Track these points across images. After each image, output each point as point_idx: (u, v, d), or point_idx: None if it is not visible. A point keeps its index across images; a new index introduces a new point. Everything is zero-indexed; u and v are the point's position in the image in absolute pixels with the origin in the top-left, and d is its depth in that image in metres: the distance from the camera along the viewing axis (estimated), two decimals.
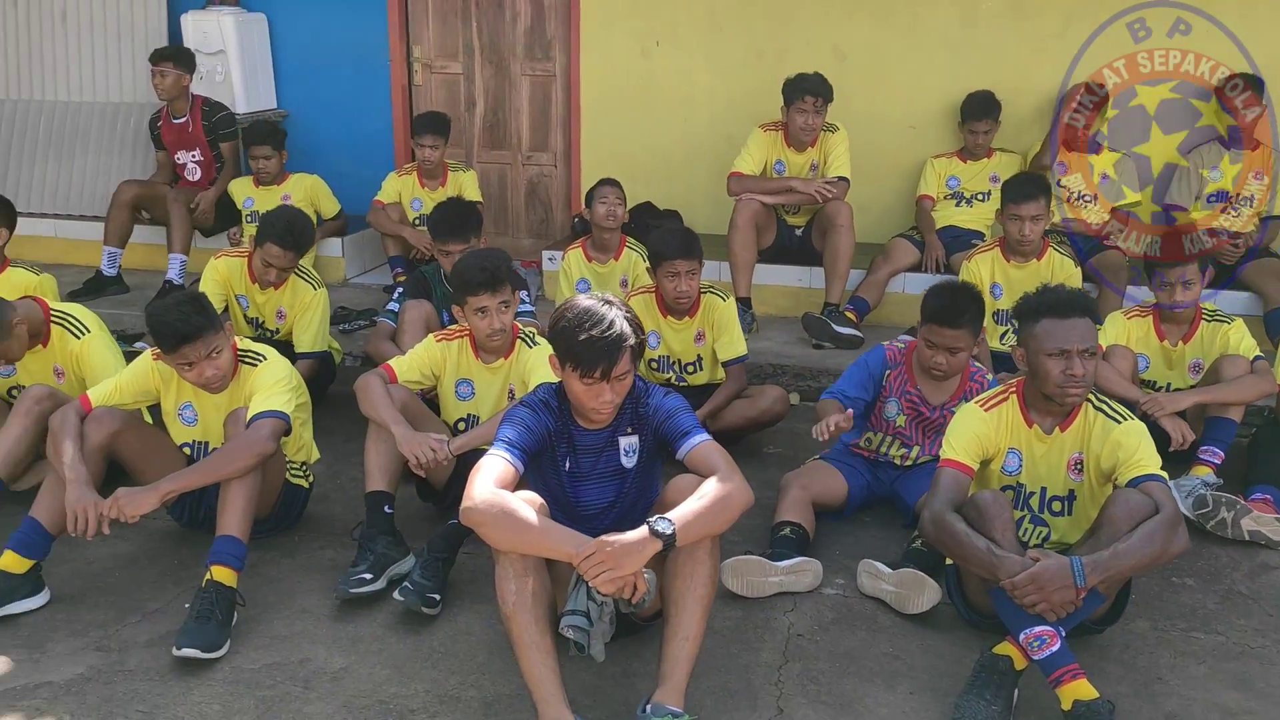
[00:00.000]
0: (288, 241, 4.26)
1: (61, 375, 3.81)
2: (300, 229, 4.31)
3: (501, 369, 3.60)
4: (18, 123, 6.62)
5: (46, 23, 6.56)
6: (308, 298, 4.42)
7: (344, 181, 6.18)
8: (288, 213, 4.40)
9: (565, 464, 2.83)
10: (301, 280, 4.44)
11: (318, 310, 4.43)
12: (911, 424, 3.65)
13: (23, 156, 6.60)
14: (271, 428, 3.18)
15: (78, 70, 6.60)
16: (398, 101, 6.45)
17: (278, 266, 4.29)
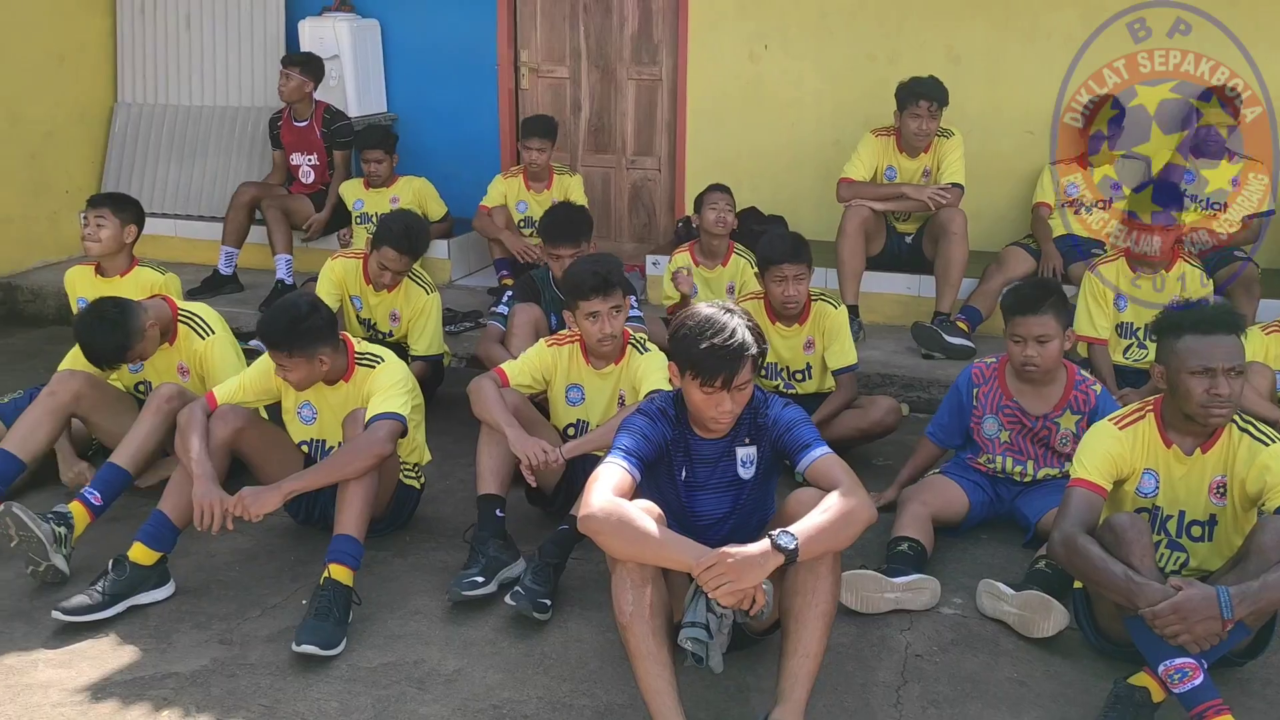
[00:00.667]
0: (404, 246, 4.31)
1: (186, 373, 3.92)
2: (417, 234, 4.37)
3: (612, 375, 3.59)
4: (143, 126, 6.85)
5: (172, 29, 6.77)
6: (421, 302, 4.47)
7: (451, 184, 6.25)
8: (405, 217, 4.46)
9: (681, 473, 2.81)
10: (415, 284, 4.50)
11: (432, 314, 4.48)
12: (1017, 437, 3.55)
13: (147, 158, 6.83)
14: (389, 429, 3.22)
15: (200, 75, 6.80)
16: (504, 105, 6.51)
17: (393, 270, 4.35)
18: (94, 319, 3.57)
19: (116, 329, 3.57)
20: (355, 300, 4.60)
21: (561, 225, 4.24)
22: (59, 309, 6.17)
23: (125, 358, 3.64)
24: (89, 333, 3.56)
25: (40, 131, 6.44)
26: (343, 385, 3.44)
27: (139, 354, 3.69)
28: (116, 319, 3.58)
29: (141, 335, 3.64)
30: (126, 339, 3.59)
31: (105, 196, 4.36)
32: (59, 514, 3.36)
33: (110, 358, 3.61)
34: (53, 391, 3.69)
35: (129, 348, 3.61)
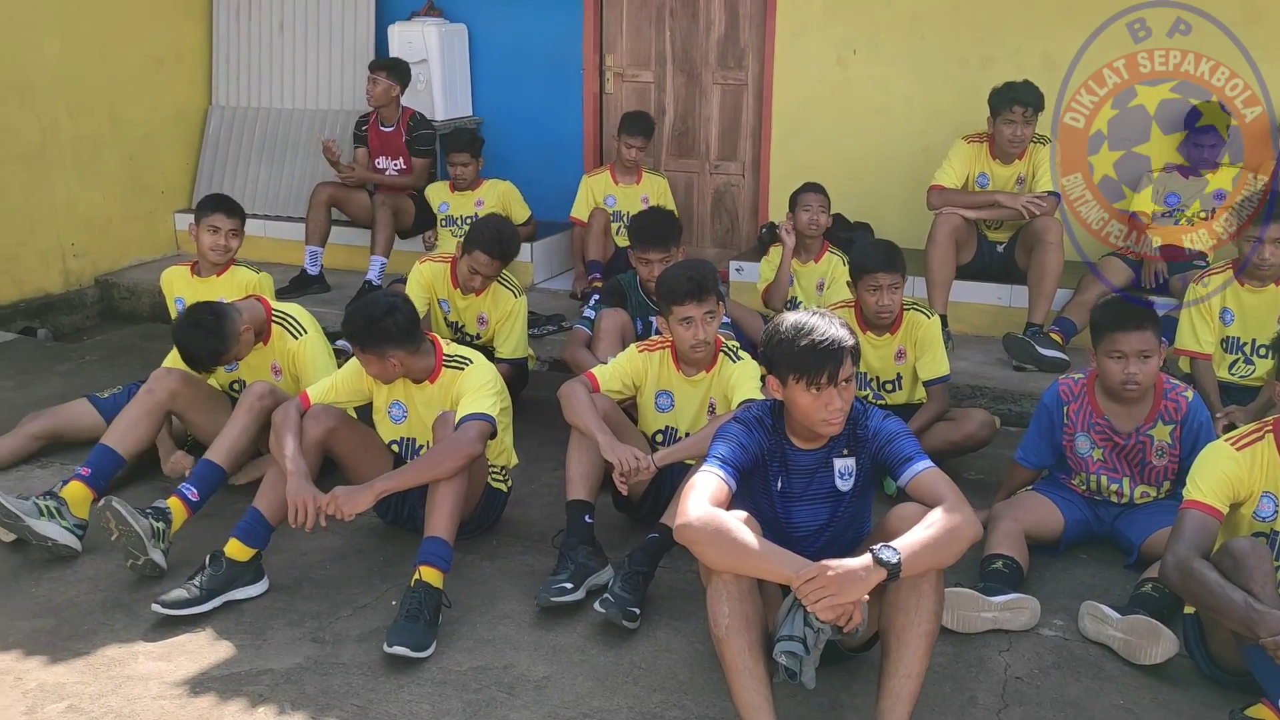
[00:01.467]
0: (496, 250, 4.32)
1: (279, 372, 3.97)
2: (508, 239, 4.38)
3: (703, 382, 3.56)
4: (235, 128, 7.00)
5: (265, 34, 6.91)
6: (509, 305, 4.48)
7: (534, 187, 6.27)
8: (497, 222, 4.47)
9: (777, 484, 2.76)
10: (503, 287, 4.51)
11: (519, 318, 4.49)
12: (1110, 455, 3.44)
13: (239, 160, 6.97)
14: (479, 430, 3.23)
15: (290, 79, 6.92)
16: (589, 109, 6.51)
17: (484, 274, 4.36)
18: (191, 325, 3.64)
19: (212, 335, 3.63)
20: (443, 303, 4.63)
21: (652, 229, 4.22)
22: (153, 306, 6.32)
23: (220, 362, 3.71)
24: (186, 338, 3.63)
25: (138, 134, 6.61)
26: (429, 386, 3.46)
27: (233, 357, 3.75)
28: (212, 326, 3.64)
29: (236, 340, 3.70)
30: (221, 344, 3.65)
31: (231, 203, 4.43)
32: (157, 509, 3.42)
33: (206, 362, 3.68)
34: (150, 389, 3.76)
35: (223, 353, 3.67)
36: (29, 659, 2.95)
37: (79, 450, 4.17)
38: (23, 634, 3.07)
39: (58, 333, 6.15)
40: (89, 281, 6.43)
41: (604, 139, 6.56)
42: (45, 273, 6.20)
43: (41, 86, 6.01)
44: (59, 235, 6.24)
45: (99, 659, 2.95)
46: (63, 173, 6.19)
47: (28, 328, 6.03)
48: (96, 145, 6.35)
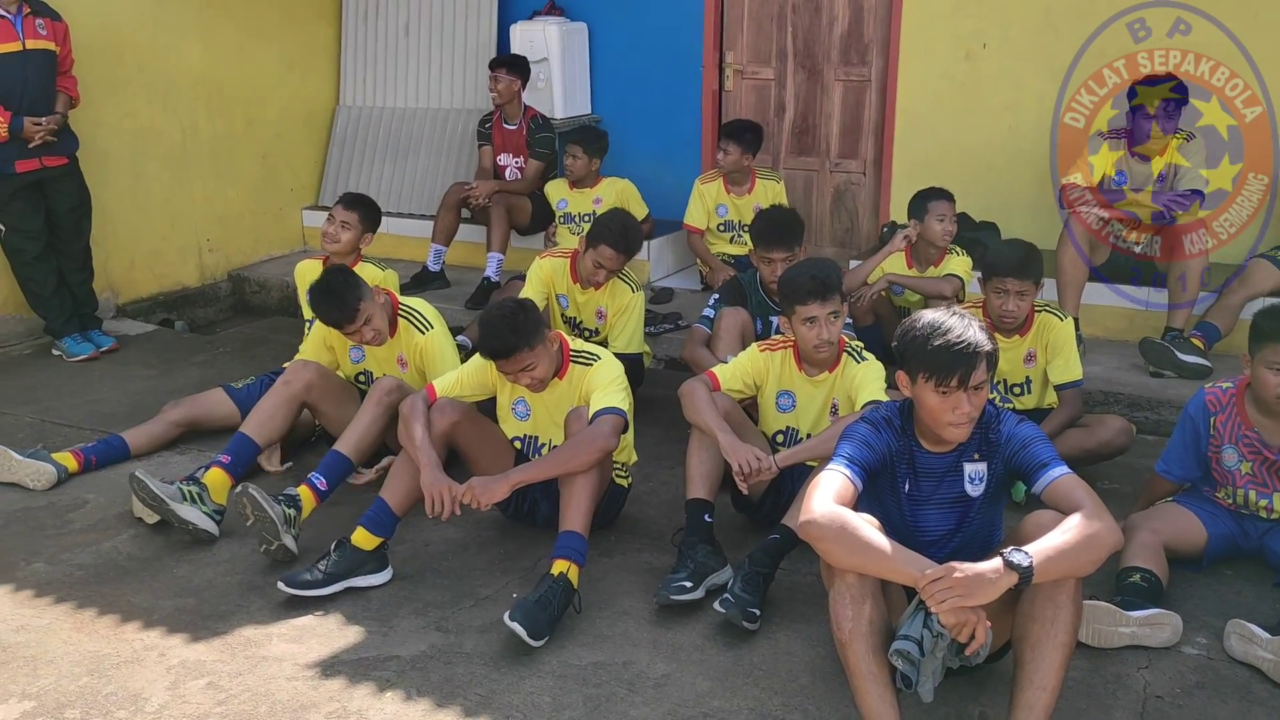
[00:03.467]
0: (621, 245, 4.37)
1: (405, 365, 4.08)
2: (633, 233, 4.42)
3: (825, 383, 3.53)
4: (361, 127, 7.22)
5: (392, 35, 7.11)
6: (626, 299, 4.53)
7: (652, 185, 6.30)
8: (622, 217, 4.51)
9: (905, 486, 2.73)
10: (621, 281, 4.55)
11: (635, 312, 4.53)
12: (1260, 469, 3.28)
13: (364, 158, 7.19)
14: (612, 424, 3.27)
15: (415, 79, 7.11)
16: (708, 107, 6.52)
17: (608, 268, 4.41)
18: (324, 282, 3.82)
19: (351, 286, 3.78)
20: (562, 299, 4.69)
21: (775, 228, 4.20)
22: (281, 300, 6.57)
23: (355, 315, 3.78)
24: (322, 285, 3.78)
25: (271, 133, 6.88)
26: (557, 383, 3.51)
27: (367, 314, 3.81)
28: (345, 282, 3.79)
29: (371, 298, 3.82)
30: (359, 292, 3.77)
31: (358, 200, 4.60)
32: (289, 496, 3.55)
33: (345, 309, 3.76)
34: (287, 381, 3.91)
35: (360, 298, 3.75)
36: (171, 636, 3.10)
37: (214, 437, 4.37)
38: (166, 612, 3.23)
39: (193, 325, 6.44)
40: (222, 276, 6.72)
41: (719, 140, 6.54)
42: (183, 267, 6.50)
43: (183, 88, 6.30)
44: (196, 231, 6.53)
45: (236, 639, 3.08)
46: (201, 171, 6.48)
47: (166, 319, 6.33)
48: (232, 145, 6.63)
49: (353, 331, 3.84)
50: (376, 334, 3.88)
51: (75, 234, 5.45)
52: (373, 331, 3.85)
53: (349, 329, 3.82)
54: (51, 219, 5.36)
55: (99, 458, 4.18)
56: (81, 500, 3.95)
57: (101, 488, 4.03)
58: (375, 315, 3.85)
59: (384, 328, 3.91)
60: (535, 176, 6.20)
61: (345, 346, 4.13)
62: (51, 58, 5.20)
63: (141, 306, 6.27)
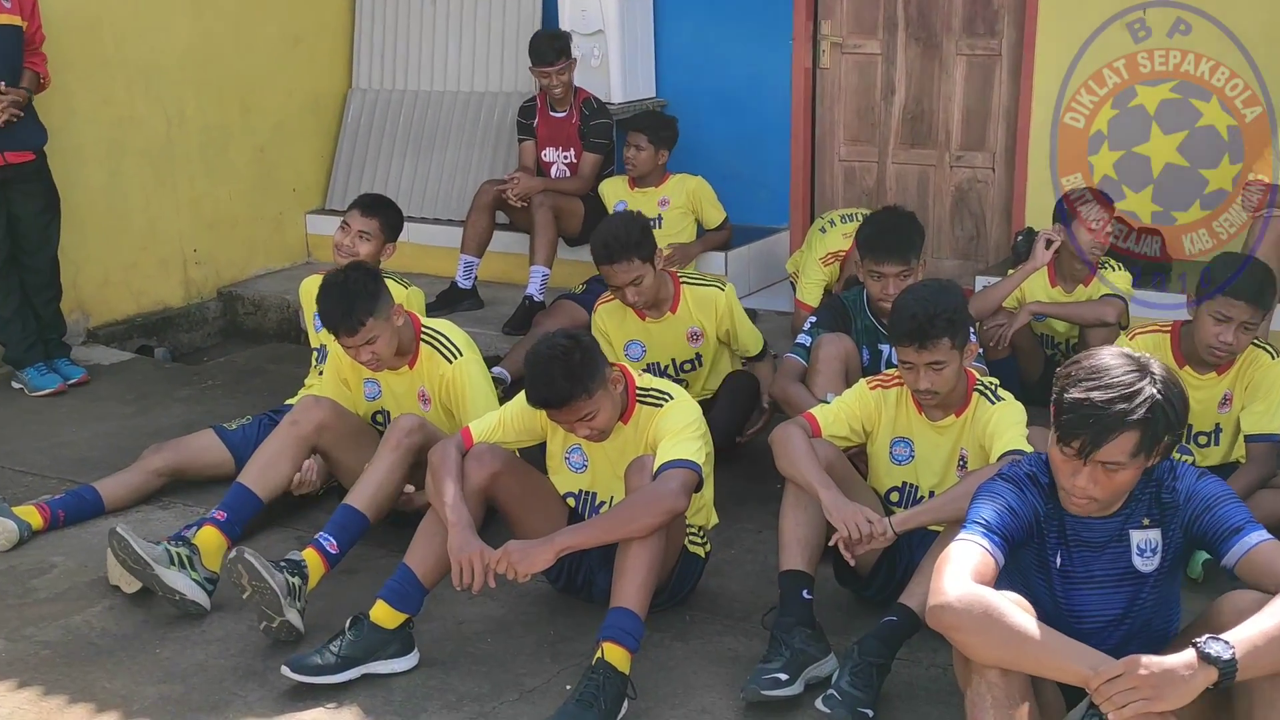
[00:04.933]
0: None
1: (427, 401, 4.12)
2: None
3: (951, 429, 3.51)
4: (377, 115, 7.34)
5: (415, 6, 7.22)
6: (717, 301, 4.58)
7: (730, 184, 6.32)
8: None
9: (1056, 559, 2.70)
10: (699, 286, 4.61)
11: (736, 308, 4.59)
12: None
13: (380, 152, 7.31)
14: (682, 480, 3.26)
15: (443, 57, 7.22)
16: (799, 88, 6.53)
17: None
18: (343, 275, 3.88)
19: (368, 294, 3.81)
20: (633, 347, 4.66)
21: (887, 236, 4.18)
22: (280, 323, 6.68)
23: (356, 328, 3.80)
24: (339, 278, 3.85)
25: (270, 123, 7.03)
26: (621, 428, 3.52)
27: (373, 333, 3.83)
28: (365, 286, 3.83)
29: (389, 303, 3.87)
30: (374, 305, 3.80)
31: (378, 204, 4.68)
32: (292, 562, 3.58)
33: (349, 317, 3.77)
34: (295, 421, 3.96)
35: (372, 314, 3.78)
36: None
37: (203, 489, 4.45)
38: (149, 701, 3.27)
39: (176, 352, 6.58)
40: (210, 294, 6.86)
41: (816, 124, 6.56)
42: (165, 283, 6.65)
43: (169, 70, 6.46)
44: (181, 240, 6.68)
45: None
46: (188, 168, 6.63)
47: (145, 346, 6.47)
48: (225, 136, 6.79)
49: (348, 346, 3.88)
50: (374, 359, 3.92)
51: (41, 243, 5.60)
52: (370, 354, 3.89)
53: (345, 340, 3.86)
54: (13, 225, 5.51)
55: (68, 512, 4.26)
56: (47, 564, 4.02)
57: (71, 549, 4.10)
58: (382, 339, 3.88)
59: (386, 354, 3.94)
60: (590, 173, 6.25)
61: (360, 379, 4.18)
62: (17, 34, 5.36)
63: (116, 330, 6.41)
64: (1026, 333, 4.79)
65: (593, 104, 6.27)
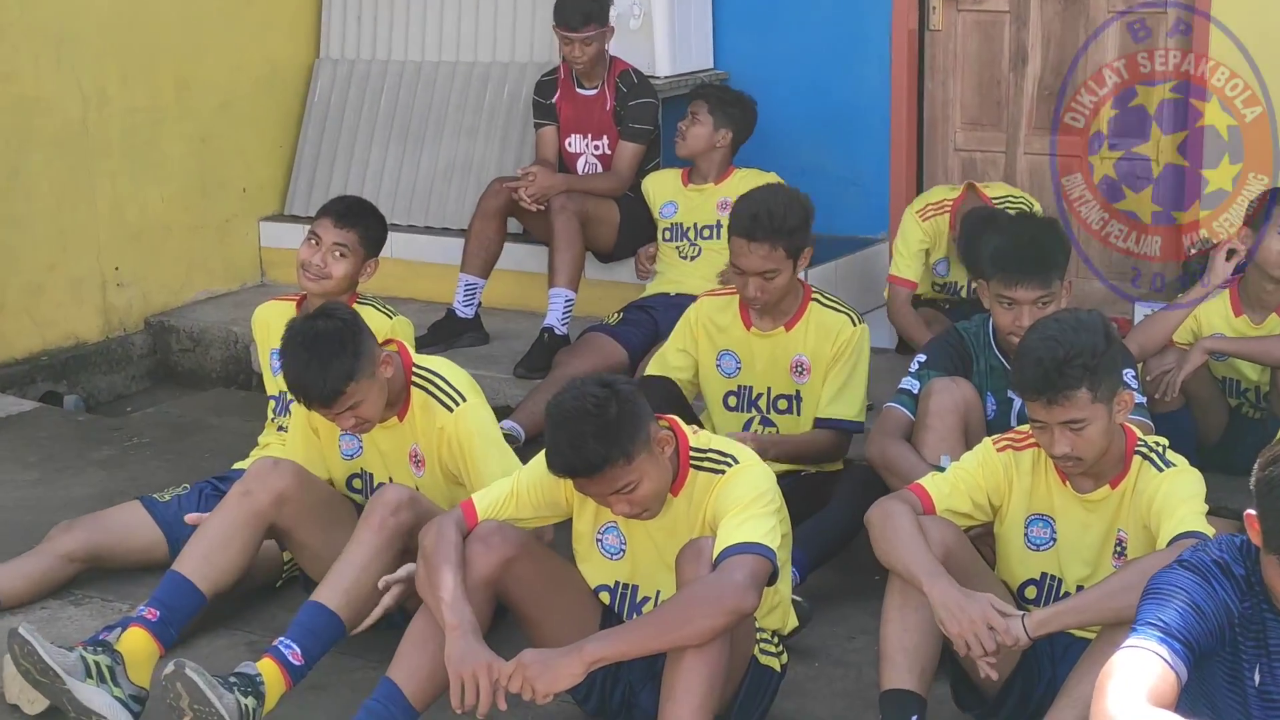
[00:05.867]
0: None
1: (420, 464, 4.13)
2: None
3: (1104, 504, 3.52)
4: (352, 94, 7.43)
5: None
6: (845, 335, 4.61)
7: (811, 181, 6.27)
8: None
9: (1253, 676, 2.71)
10: (828, 308, 4.65)
11: (860, 361, 4.62)
12: None
13: (355, 140, 7.39)
14: (751, 570, 3.27)
15: (437, 18, 7.29)
16: (900, 57, 6.58)
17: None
18: (311, 326, 3.87)
19: (347, 347, 3.80)
20: (725, 358, 4.73)
21: (1022, 251, 4.18)
22: (228, 363, 6.75)
23: (335, 397, 3.81)
24: (307, 330, 3.85)
25: (213, 103, 7.13)
26: (671, 500, 3.53)
27: (356, 398, 3.84)
28: (343, 337, 3.82)
29: (375, 355, 3.89)
30: (355, 364, 3.80)
31: (356, 210, 4.72)
32: (245, 677, 3.60)
33: (326, 382, 3.78)
34: (247, 490, 3.97)
35: (353, 374, 3.79)
36: None
37: (128, 579, 4.48)
38: None
39: (92, 400, 6.65)
40: (137, 324, 6.95)
41: (925, 103, 6.59)
42: (78, 310, 6.74)
43: (86, 39, 6.56)
44: (99, 255, 6.77)
45: None
46: (109, 163, 6.74)
47: (51, 392, 6.54)
48: (155, 123, 6.90)
49: (328, 416, 3.90)
50: (359, 424, 3.94)
51: None
52: (354, 420, 3.91)
53: (324, 410, 3.87)
54: None
55: None
56: None
57: None
58: (368, 401, 3.89)
59: (374, 415, 3.95)
60: (628, 168, 6.29)
61: (334, 434, 4.20)
62: None
63: (15, 372, 6.49)
64: (1203, 377, 4.76)
65: (632, 78, 6.32)
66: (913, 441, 4.25)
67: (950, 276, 5.91)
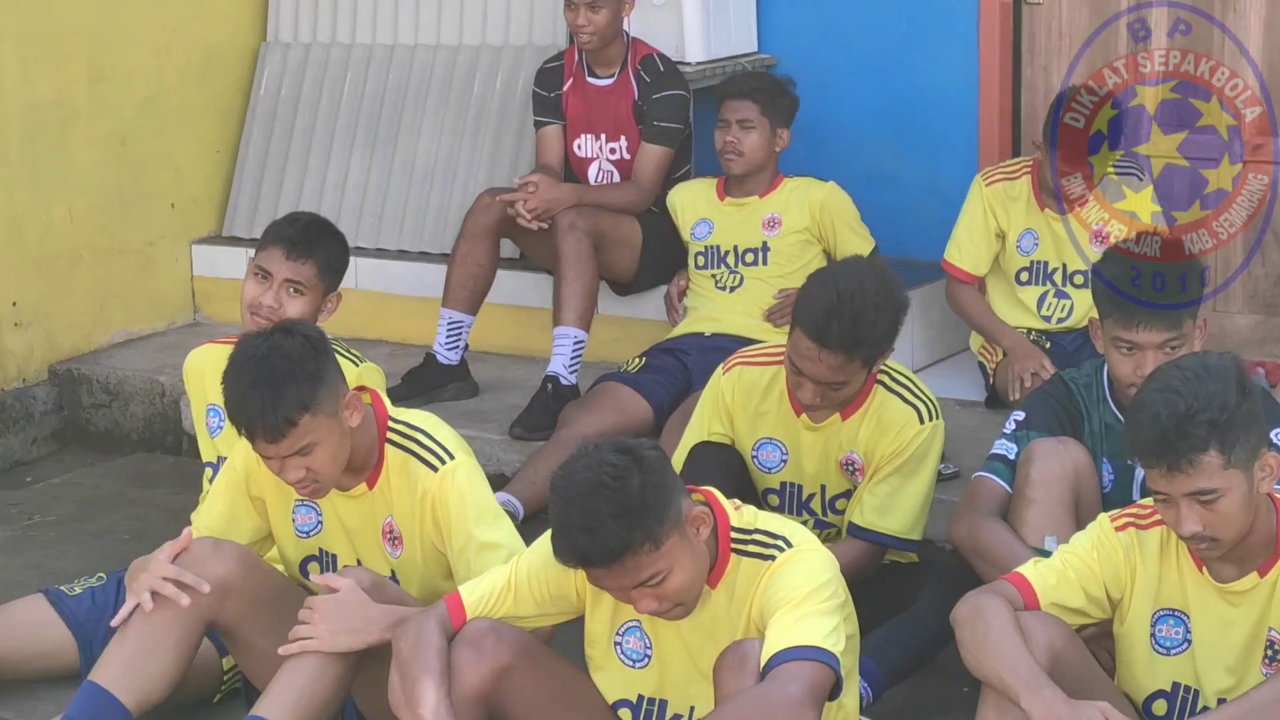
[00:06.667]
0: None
1: (397, 542, 4.14)
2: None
3: (1251, 596, 3.53)
4: (306, 85, 7.48)
5: None
6: (908, 433, 4.54)
7: (881, 191, 6.42)
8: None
9: None
10: (894, 397, 4.58)
11: (923, 468, 4.57)
12: None
13: (311, 144, 7.44)
14: (807, 681, 3.27)
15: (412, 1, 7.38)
16: (991, 36, 6.63)
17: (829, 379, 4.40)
18: (267, 342, 3.90)
19: (306, 369, 3.84)
20: (765, 450, 4.67)
21: (1142, 282, 4.21)
22: (152, 419, 6.77)
23: (286, 427, 3.82)
24: (259, 346, 3.88)
25: (136, 98, 7.18)
26: (708, 593, 3.54)
27: (309, 437, 3.84)
28: (302, 354, 3.86)
29: (341, 390, 3.93)
30: (315, 391, 3.82)
31: (313, 234, 4.76)
32: None
33: (278, 407, 3.79)
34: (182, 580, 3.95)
35: (310, 404, 3.81)
36: None
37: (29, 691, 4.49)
38: None
39: None
40: (38, 374, 6.96)
41: (1022, 94, 6.66)
42: None
43: None
44: None
45: None
46: (4, 171, 6.75)
47: None
48: (63, 122, 6.93)
49: (270, 456, 3.89)
50: (309, 479, 3.92)
51: None
52: (303, 472, 3.90)
53: (264, 447, 3.86)
54: None
55: None
56: None
57: None
58: (323, 448, 3.89)
59: (329, 473, 3.95)
60: (653, 175, 6.32)
61: (287, 501, 4.20)
62: None
63: None
64: None
65: (656, 65, 6.37)
66: (1010, 519, 4.26)
67: (1040, 253, 5.97)
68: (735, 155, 5.99)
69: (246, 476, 4.18)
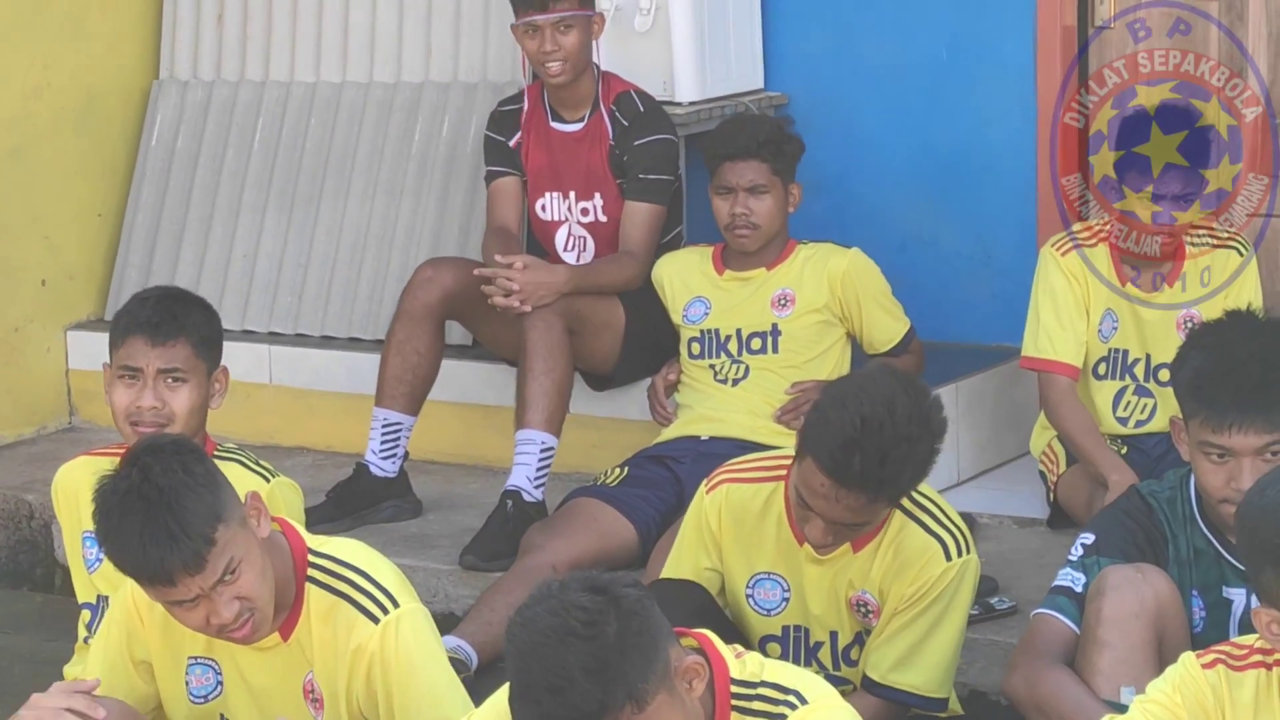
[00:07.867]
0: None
1: (319, 704, 4.15)
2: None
3: None
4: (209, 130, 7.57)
5: None
6: (933, 570, 4.54)
7: (920, 258, 6.49)
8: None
9: None
10: (917, 530, 4.59)
11: (951, 618, 4.59)
12: None
13: (215, 205, 7.51)
14: None
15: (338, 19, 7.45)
16: (1050, 66, 6.71)
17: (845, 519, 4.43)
18: (139, 459, 3.85)
19: (195, 479, 3.79)
20: (763, 585, 4.71)
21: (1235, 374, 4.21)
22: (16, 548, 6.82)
23: (201, 557, 3.81)
24: (133, 467, 3.82)
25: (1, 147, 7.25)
26: None
27: (230, 555, 3.83)
28: (186, 466, 3.83)
29: (238, 519, 3.87)
30: (215, 499, 3.80)
31: (175, 308, 4.76)
32: None
33: (185, 536, 3.76)
34: None
35: (217, 516, 3.79)
36: None
37: None
38: None
39: None
40: None
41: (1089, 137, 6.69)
42: None
43: None
44: None
45: None
46: None
47: None
48: None
49: (190, 601, 3.87)
50: (249, 614, 3.90)
51: None
52: (238, 604, 3.88)
53: (182, 585, 3.84)
54: None
55: None
56: None
57: None
58: (248, 561, 3.85)
59: (266, 594, 3.93)
60: (647, 240, 6.37)
61: (178, 662, 4.21)
62: None
63: None
64: None
65: (635, 104, 6.41)
66: (1077, 666, 4.28)
67: (1119, 339, 6.01)
68: (748, 230, 5.98)
69: (128, 636, 4.15)
